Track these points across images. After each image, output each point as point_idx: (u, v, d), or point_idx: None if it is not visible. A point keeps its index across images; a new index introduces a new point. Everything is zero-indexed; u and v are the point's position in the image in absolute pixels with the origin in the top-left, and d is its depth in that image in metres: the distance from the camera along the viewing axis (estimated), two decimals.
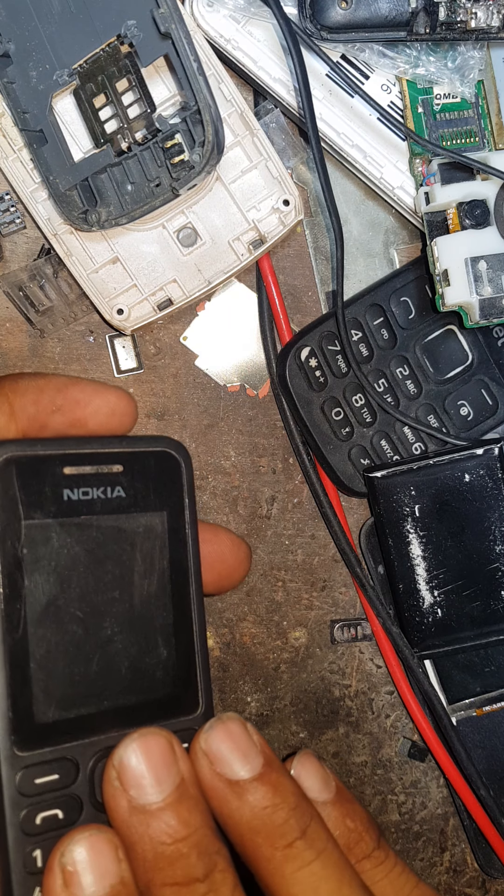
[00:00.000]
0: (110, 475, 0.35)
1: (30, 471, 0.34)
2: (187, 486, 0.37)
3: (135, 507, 0.36)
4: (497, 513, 0.51)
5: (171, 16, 0.44)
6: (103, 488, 0.35)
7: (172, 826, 0.32)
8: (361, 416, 0.53)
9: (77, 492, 0.35)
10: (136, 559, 0.36)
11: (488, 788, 0.53)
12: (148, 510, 0.36)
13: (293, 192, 0.50)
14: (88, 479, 0.35)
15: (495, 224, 0.48)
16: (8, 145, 0.49)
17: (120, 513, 0.36)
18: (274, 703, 0.55)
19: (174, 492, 0.37)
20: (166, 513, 0.37)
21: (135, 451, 0.36)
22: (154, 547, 0.36)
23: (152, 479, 0.36)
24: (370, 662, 0.56)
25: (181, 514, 0.37)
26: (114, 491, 0.35)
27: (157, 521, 0.37)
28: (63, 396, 0.37)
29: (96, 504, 0.35)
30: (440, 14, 0.46)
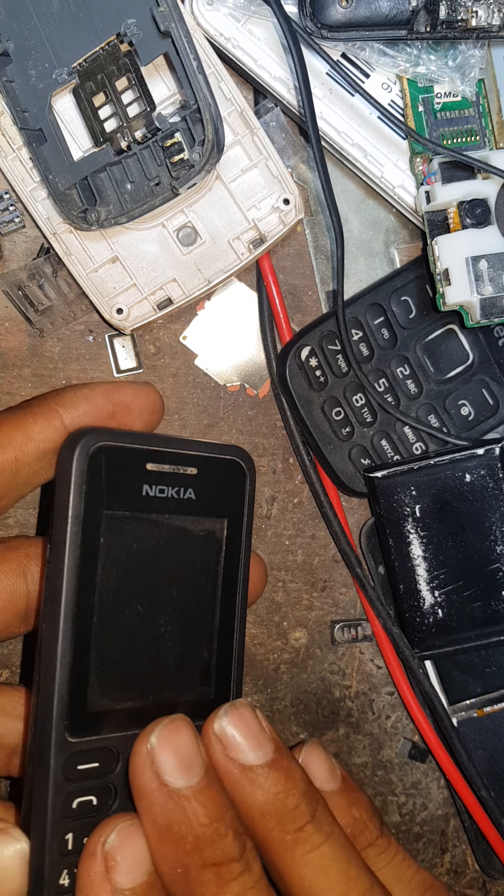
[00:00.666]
0: (186, 476, 0.36)
1: (117, 462, 0.34)
2: (248, 498, 0.38)
3: (202, 510, 0.37)
4: (498, 513, 0.50)
5: (170, 14, 0.44)
6: (178, 488, 0.36)
7: (209, 808, 0.33)
8: (362, 415, 0.52)
9: (155, 488, 0.35)
10: (195, 561, 0.37)
11: (489, 789, 0.53)
12: (212, 515, 0.37)
13: (293, 191, 0.50)
14: (166, 477, 0.36)
15: (496, 223, 0.48)
16: (7, 144, 0.49)
17: (188, 514, 0.37)
18: (274, 703, 0.55)
19: (237, 501, 0.38)
20: (226, 520, 0.38)
21: (210, 457, 0.37)
22: (212, 552, 0.37)
23: (220, 486, 0.38)
24: (370, 663, 0.56)
25: (240, 523, 0.38)
26: (186, 492, 0.36)
27: (218, 527, 0.38)
28: (112, 402, 0.39)
29: (170, 503, 0.36)
30: (441, 12, 0.46)
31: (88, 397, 0.38)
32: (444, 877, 0.56)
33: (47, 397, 0.38)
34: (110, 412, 0.38)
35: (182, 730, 0.34)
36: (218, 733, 0.35)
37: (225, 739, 0.35)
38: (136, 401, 0.39)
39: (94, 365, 0.53)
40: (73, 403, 0.38)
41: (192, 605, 0.37)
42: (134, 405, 0.39)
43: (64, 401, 0.38)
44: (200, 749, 0.34)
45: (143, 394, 0.40)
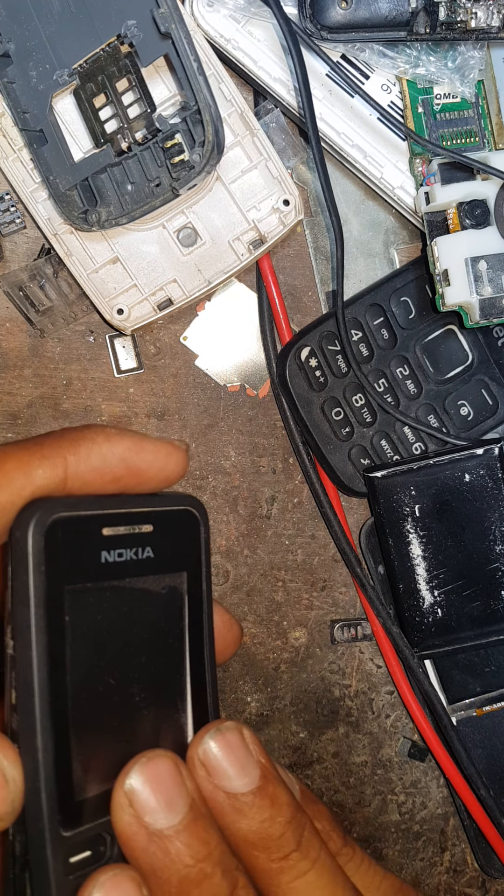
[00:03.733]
0: (142, 535, 0.34)
1: (73, 532, 0.32)
2: (205, 545, 0.36)
3: (161, 567, 0.35)
4: (497, 513, 0.50)
5: (171, 16, 0.44)
6: (136, 549, 0.34)
7: (193, 847, 0.32)
8: (361, 416, 0.53)
9: (113, 553, 0.33)
10: (161, 621, 0.35)
11: (488, 788, 0.53)
12: (172, 570, 0.35)
13: (293, 191, 0.50)
14: (123, 539, 0.34)
15: (495, 224, 0.48)
16: (8, 145, 0.49)
17: (148, 574, 0.34)
18: (274, 703, 0.55)
19: (194, 551, 0.36)
20: (186, 573, 0.36)
21: (163, 510, 0.35)
22: (176, 608, 0.35)
23: (176, 539, 0.35)
24: (370, 662, 0.56)
25: (199, 573, 0.36)
26: (144, 552, 0.34)
27: (179, 581, 0.35)
28: (126, 467, 0.35)
29: (129, 566, 0.34)
30: (440, 14, 0.46)
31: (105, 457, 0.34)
32: (444, 875, 0.56)
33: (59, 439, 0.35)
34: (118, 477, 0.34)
35: (162, 765, 0.33)
36: (202, 758, 0.33)
37: (209, 765, 0.33)
38: (153, 467, 0.35)
39: (95, 365, 0.53)
40: (86, 454, 0.34)
41: (163, 667, 0.35)
42: (150, 472, 0.35)
43: (77, 449, 0.34)
44: (185, 782, 0.33)
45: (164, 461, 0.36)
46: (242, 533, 0.55)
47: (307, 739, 0.55)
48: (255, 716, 0.55)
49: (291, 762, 0.55)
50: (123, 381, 0.54)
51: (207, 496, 0.54)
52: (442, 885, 0.56)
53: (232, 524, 0.55)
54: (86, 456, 0.34)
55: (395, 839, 0.56)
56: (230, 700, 0.55)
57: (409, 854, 0.56)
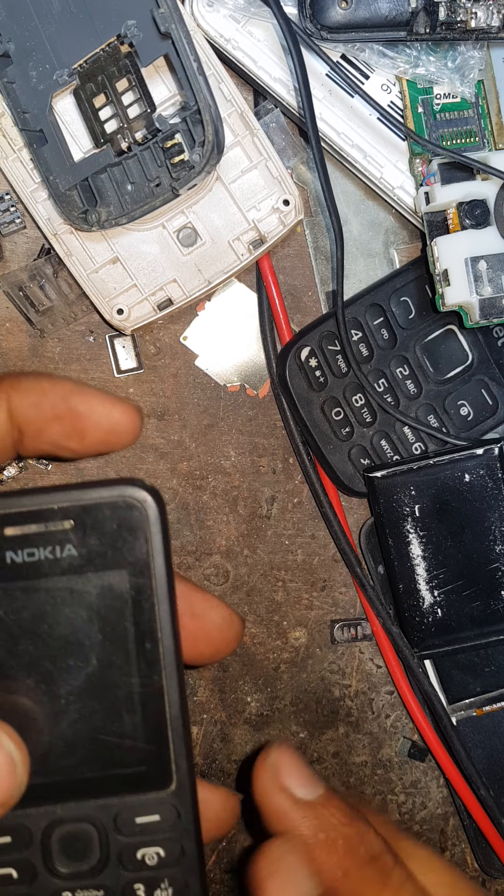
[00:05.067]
0: (58, 533, 0.32)
1: None
2: (155, 539, 0.33)
3: (89, 566, 0.32)
4: (497, 513, 0.51)
5: (171, 16, 0.44)
6: (51, 548, 0.32)
7: (343, 810, 0.34)
8: (361, 416, 0.53)
9: (21, 553, 0.32)
10: (92, 623, 0.33)
11: (488, 788, 0.53)
12: (105, 569, 0.32)
13: (293, 191, 0.50)
14: (33, 538, 0.32)
15: (495, 224, 0.48)
16: (8, 145, 0.49)
17: (71, 574, 0.32)
18: (274, 703, 0.55)
19: (136, 546, 0.33)
20: (127, 571, 0.33)
21: (86, 504, 0.32)
22: (114, 610, 0.33)
23: (109, 534, 0.32)
24: (370, 662, 0.56)
25: (146, 571, 0.33)
26: (63, 550, 0.32)
27: (116, 581, 0.33)
28: (66, 405, 0.34)
29: (44, 566, 0.32)
30: (440, 14, 0.46)
31: (44, 391, 0.34)
32: None
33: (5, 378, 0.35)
34: (58, 414, 0.34)
35: (289, 750, 0.35)
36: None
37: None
38: (95, 412, 0.35)
39: (95, 365, 0.53)
40: (27, 391, 0.34)
41: (100, 671, 0.33)
42: (91, 416, 0.35)
43: (20, 385, 0.34)
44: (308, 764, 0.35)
45: (107, 407, 0.35)
46: (242, 533, 0.55)
47: (307, 739, 0.55)
48: (255, 716, 0.55)
49: None
50: (123, 381, 0.54)
51: (207, 496, 0.54)
52: None
53: (232, 524, 0.55)
54: (25, 390, 0.34)
55: None
56: (230, 700, 0.55)
57: None
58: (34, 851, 0.33)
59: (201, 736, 0.55)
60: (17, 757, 0.31)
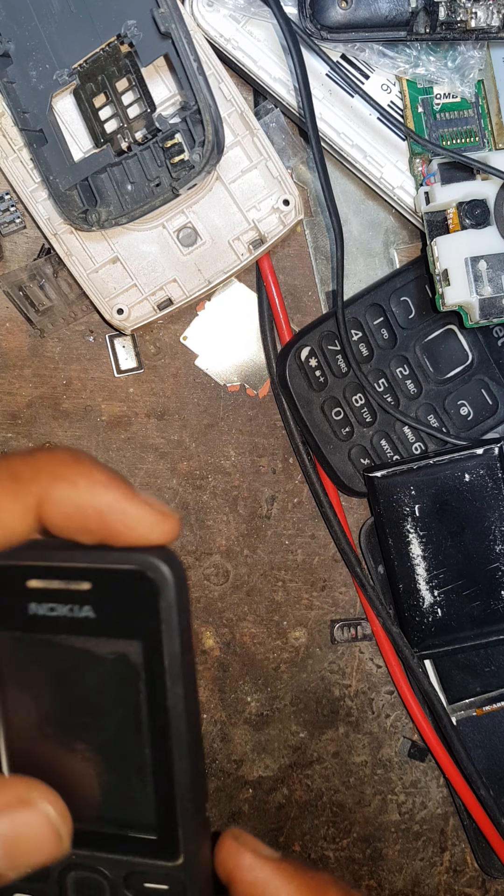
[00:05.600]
0: (77, 593, 0.31)
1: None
2: (169, 614, 0.31)
3: (104, 631, 0.32)
4: (497, 513, 0.51)
5: (170, 15, 0.44)
6: (70, 606, 0.31)
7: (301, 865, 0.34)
8: (361, 415, 0.53)
9: (43, 606, 0.31)
10: (106, 688, 0.32)
11: (488, 788, 0.53)
12: (119, 637, 0.32)
13: (293, 191, 0.50)
14: (55, 594, 0.31)
15: (495, 224, 0.48)
16: (8, 145, 0.49)
17: (88, 635, 0.32)
18: (274, 702, 0.55)
19: (151, 619, 0.32)
20: (140, 642, 0.32)
21: (105, 568, 0.31)
22: (126, 679, 0.32)
23: (124, 602, 0.32)
24: (370, 662, 0.56)
25: (158, 647, 0.32)
26: (81, 610, 0.31)
27: (130, 650, 0.32)
28: (101, 523, 0.31)
29: (62, 622, 0.31)
30: (440, 14, 0.46)
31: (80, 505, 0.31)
32: (444, 875, 0.56)
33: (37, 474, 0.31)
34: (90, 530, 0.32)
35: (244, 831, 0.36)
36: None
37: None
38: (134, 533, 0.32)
39: (95, 365, 0.53)
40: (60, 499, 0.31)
41: (111, 736, 0.33)
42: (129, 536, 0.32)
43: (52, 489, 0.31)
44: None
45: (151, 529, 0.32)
46: (242, 533, 0.55)
47: (307, 739, 0.55)
48: (255, 716, 0.55)
49: (291, 762, 0.55)
50: (123, 380, 0.54)
51: (207, 496, 0.54)
52: (442, 885, 0.56)
53: (232, 524, 0.55)
54: (59, 501, 0.31)
55: (395, 839, 0.56)
56: (230, 700, 0.55)
57: (409, 854, 0.56)
58: (51, 886, 0.34)
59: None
60: (61, 828, 0.31)
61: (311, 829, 0.56)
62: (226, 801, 0.55)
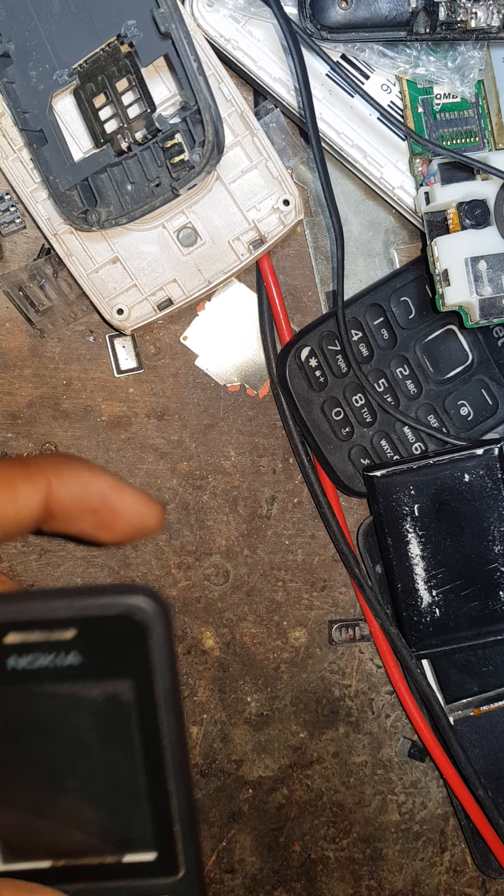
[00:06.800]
0: (61, 642, 0.32)
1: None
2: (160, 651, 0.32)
3: (92, 674, 0.32)
4: (496, 513, 0.50)
5: (171, 16, 0.44)
6: (54, 655, 0.32)
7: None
8: (361, 416, 0.53)
9: (23, 659, 0.32)
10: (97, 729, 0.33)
11: (486, 789, 0.53)
12: (109, 678, 0.32)
13: (293, 191, 0.50)
14: (35, 646, 0.32)
15: (495, 224, 0.48)
16: (8, 145, 0.49)
17: (74, 680, 0.32)
18: (274, 702, 0.55)
19: (140, 657, 0.32)
20: (130, 680, 0.33)
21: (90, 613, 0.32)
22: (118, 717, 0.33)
23: (112, 644, 0.32)
24: (370, 662, 0.56)
25: (149, 682, 0.33)
26: (66, 658, 0.32)
27: (120, 690, 0.33)
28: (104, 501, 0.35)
29: (45, 673, 0.32)
30: (440, 14, 0.46)
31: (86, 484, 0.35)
32: (444, 875, 0.56)
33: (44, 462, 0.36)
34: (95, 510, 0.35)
35: None
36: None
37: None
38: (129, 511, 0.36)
39: (95, 365, 0.53)
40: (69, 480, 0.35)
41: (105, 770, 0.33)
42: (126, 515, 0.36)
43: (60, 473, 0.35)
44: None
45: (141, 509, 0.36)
46: (242, 533, 0.55)
47: (307, 739, 0.55)
48: (255, 716, 0.55)
49: (291, 762, 0.55)
50: (123, 381, 0.54)
51: (207, 496, 0.54)
52: (442, 885, 0.56)
53: (232, 524, 0.55)
54: (68, 480, 0.35)
55: (395, 839, 0.56)
56: (230, 700, 0.55)
57: (409, 854, 0.56)
58: None
59: (201, 736, 0.55)
60: None
61: (311, 829, 0.56)
62: (226, 801, 0.55)
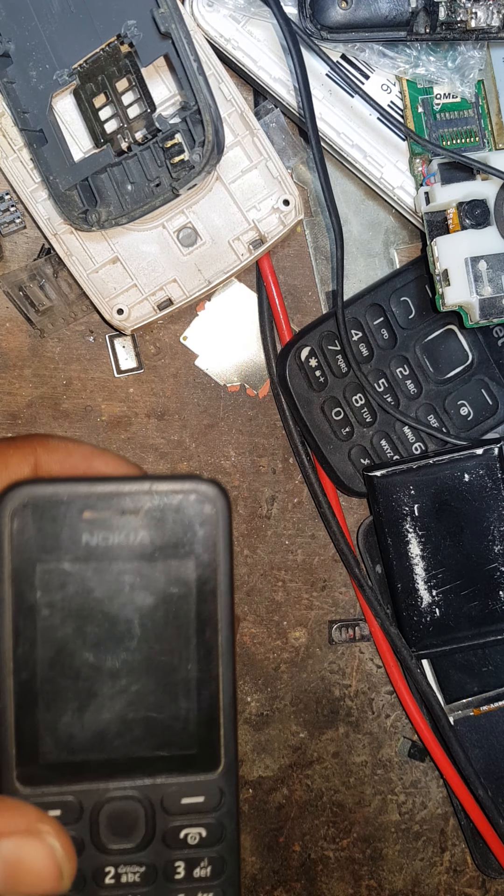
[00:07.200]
0: (134, 520, 0.34)
1: (48, 513, 0.33)
2: (221, 534, 0.35)
3: (160, 554, 0.34)
4: (496, 513, 0.50)
5: (171, 15, 0.44)
6: (126, 533, 0.34)
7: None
8: (361, 415, 0.53)
9: (97, 536, 0.34)
10: (158, 608, 0.35)
11: (486, 789, 0.53)
12: (174, 558, 0.35)
13: (293, 191, 0.50)
14: (110, 523, 0.34)
15: (495, 224, 0.48)
16: (8, 145, 0.49)
17: (143, 560, 0.34)
18: (274, 702, 0.55)
19: (205, 540, 0.35)
20: (194, 562, 0.35)
21: (162, 495, 0.34)
22: (179, 597, 0.35)
23: (181, 525, 0.34)
24: (370, 662, 0.56)
25: (212, 564, 0.35)
26: (137, 536, 0.34)
27: (184, 570, 0.35)
28: (88, 465, 0.37)
29: (117, 549, 0.34)
30: (440, 14, 0.46)
31: (69, 451, 0.38)
32: (444, 875, 0.56)
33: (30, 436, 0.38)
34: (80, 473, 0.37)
35: None
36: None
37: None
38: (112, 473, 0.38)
39: (95, 365, 0.53)
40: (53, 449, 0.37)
41: (160, 655, 0.35)
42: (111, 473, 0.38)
43: (45, 444, 0.38)
44: None
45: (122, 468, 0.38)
46: (242, 533, 0.55)
47: (307, 739, 0.55)
48: (255, 716, 0.55)
49: (291, 762, 0.55)
50: (123, 381, 0.54)
51: None
52: (442, 885, 0.56)
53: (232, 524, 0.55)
54: (53, 449, 0.37)
55: (395, 839, 0.56)
56: None
57: (409, 854, 0.56)
58: (83, 826, 0.35)
59: None
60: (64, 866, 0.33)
61: (311, 829, 0.56)
62: None
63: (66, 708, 0.34)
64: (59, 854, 0.33)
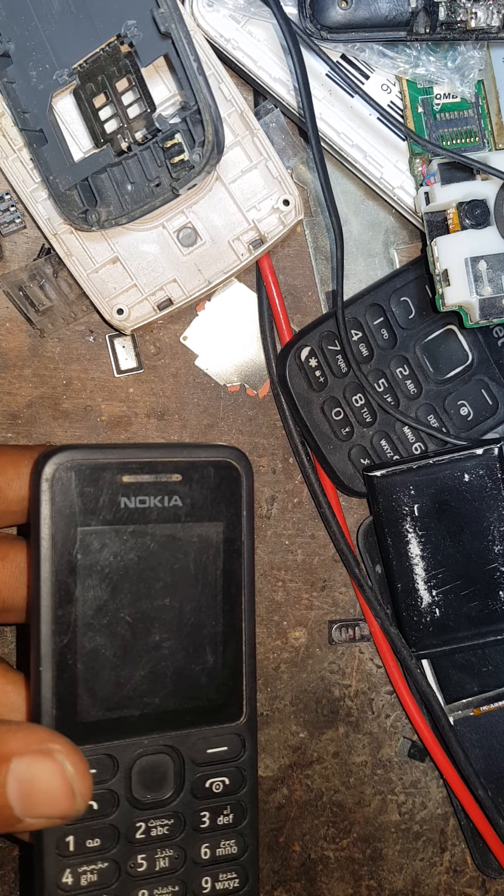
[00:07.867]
0: (168, 484, 0.36)
1: (88, 478, 0.35)
2: (246, 497, 0.38)
3: (191, 516, 0.37)
4: (496, 513, 0.50)
5: (171, 15, 0.44)
6: (161, 497, 0.36)
7: None
8: (361, 416, 0.53)
9: (134, 500, 0.35)
10: (189, 568, 0.37)
11: (486, 789, 0.53)
12: (204, 520, 0.37)
13: (293, 191, 0.50)
14: (146, 487, 0.36)
15: (495, 224, 0.48)
16: (8, 145, 0.49)
17: (176, 522, 0.36)
18: (274, 702, 0.55)
19: (232, 502, 0.37)
20: (223, 523, 0.37)
21: (194, 461, 0.37)
22: (208, 557, 0.37)
23: (210, 489, 0.37)
24: (370, 662, 0.56)
25: (238, 525, 0.38)
26: (171, 500, 0.36)
27: (212, 532, 0.37)
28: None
29: (152, 512, 0.36)
30: (440, 14, 0.46)
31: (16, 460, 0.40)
32: (444, 875, 0.56)
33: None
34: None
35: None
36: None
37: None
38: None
39: (95, 365, 0.53)
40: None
41: (190, 612, 0.37)
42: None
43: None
44: None
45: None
46: None
47: (307, 739, 0.55)
48: None
49: (291, 762, 0.55)
50: (123, 381, 0.54)
51: None
52: (442, 885, 0.56)
53: None
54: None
55: (395, 839, 0.56)
56: None
57: (409, 854, 0.56)
58: (119, 782, 0.36)
59: None
60: (77, 786, 0.33)
61: (311, 829, 0.56)
62: None
63: (103, 666, 0.35)
64: (70, 773, 0.33)
